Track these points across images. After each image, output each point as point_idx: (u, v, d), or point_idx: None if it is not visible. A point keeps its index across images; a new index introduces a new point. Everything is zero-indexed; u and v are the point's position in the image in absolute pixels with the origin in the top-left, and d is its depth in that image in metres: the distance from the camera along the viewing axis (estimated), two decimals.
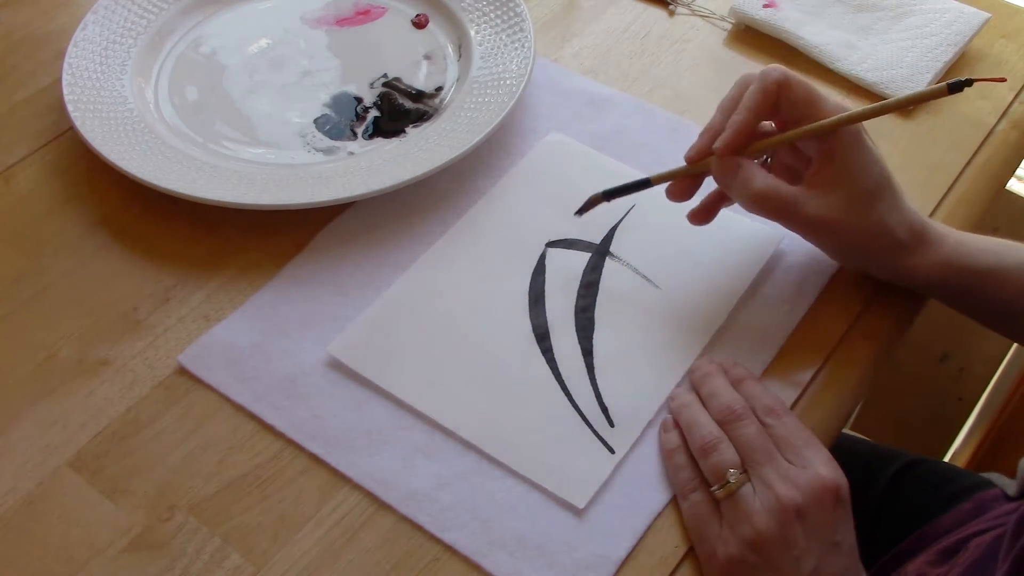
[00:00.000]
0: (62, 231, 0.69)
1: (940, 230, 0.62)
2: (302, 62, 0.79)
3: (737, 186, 0.60)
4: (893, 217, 0.60)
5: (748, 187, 0.60)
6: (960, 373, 1.35)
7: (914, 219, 0.61)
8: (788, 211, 0.60)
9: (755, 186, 0.59)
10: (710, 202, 0.64)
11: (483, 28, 0.80)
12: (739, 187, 0.60)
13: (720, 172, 0.61)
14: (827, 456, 0.55)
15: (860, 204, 0.60)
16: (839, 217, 0.59)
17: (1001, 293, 0.61)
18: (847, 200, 0.59)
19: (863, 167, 0.59)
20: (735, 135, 0.60)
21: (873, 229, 0.60)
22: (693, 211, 0.65)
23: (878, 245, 0.61)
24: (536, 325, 0.63)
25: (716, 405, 0.57)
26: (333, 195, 0.67)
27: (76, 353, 0.62)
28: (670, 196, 0.64)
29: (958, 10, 0.82)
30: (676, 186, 0.64)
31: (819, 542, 0.52)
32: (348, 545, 0.55)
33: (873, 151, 0.60)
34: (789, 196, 0.60)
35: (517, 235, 0.68)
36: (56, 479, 0.57)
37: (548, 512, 0.56)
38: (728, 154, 0.60)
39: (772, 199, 0.60)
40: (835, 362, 0.63)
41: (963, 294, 0.63)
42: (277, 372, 0.61)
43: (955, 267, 0.61)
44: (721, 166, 0.61)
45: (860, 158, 0.59)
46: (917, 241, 0.61)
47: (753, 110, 0.60)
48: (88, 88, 0.74)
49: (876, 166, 0.60)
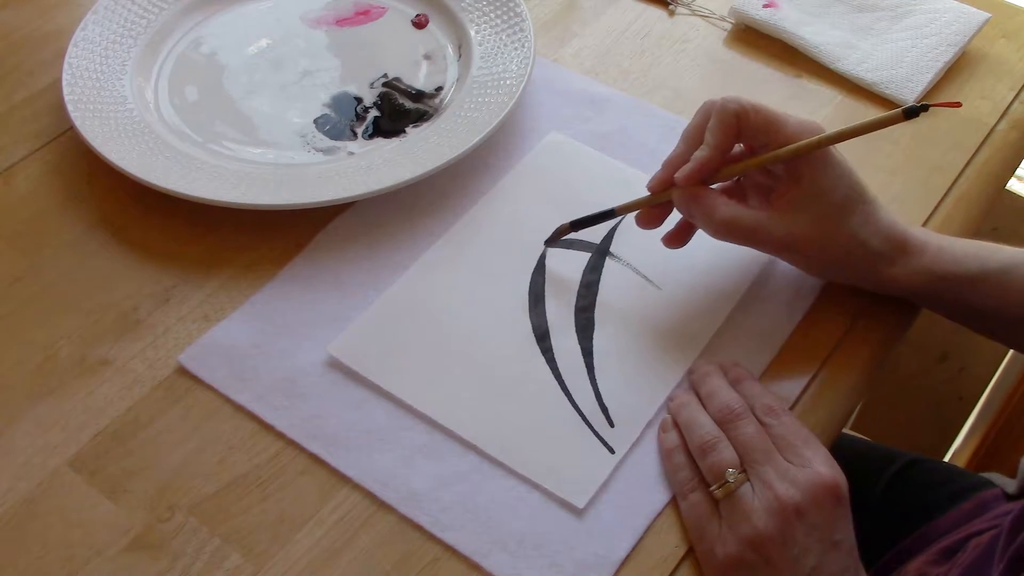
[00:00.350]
0: (62, 231, 0.69)
1: (921, 237, 0.62)
2: (302, 62, 0.79)
3: (699, 217, 0.61)
4: (866, 229, 0.60)
5: (711, 217, 0.60)
6: (960, 373, 1.35)
7: (891, 229, 0.61)
8: (755, 236, 0.60)
9: (718, 216, 0.60)
10: (682, 227, 0.64)
11: (483, 28, 0.80)
12: (702, 217, 0.61)
13: (682, 203, 0.61)
14: (826, 455, 0.55)
15: (829, 220, 0.59)
16: (807, 235, 0.59)
17: (986, 299, 0.61)
18: (815, 217, 0.59)
19: (831, 184, 0.59)
20: (697, 170, 0.60)
21: (846, 243, 0.60)
22: (666, 235, 0.64)
23: (854, 258, 0.61)
24: (536, 325, 0.63)
25: (715, 405, 0.57)
26: (333, 195, 0.67)
27: (76, 353, 0.62)
28: (640, 223, 0.64)
29: (958, 10, 0.82)
30: (644, 214, 0.64)
31: (818, 541, 0.52)
32: (348, 545, 0.55)
33: (842, 166, 0.60)
34: (753, 222, 0.60)
35: (517, 235, 0.68)
36: (56, 479, 0.57)
37: (548, 512, 0.56)
38: (689, 185, 0.60)
39: (737, 227, 0.60)
40: (835, 362, 0.63)
41: (949, 301, 0.62)
42: (277, 372, 0.61)
43: (938, 274, 0.61)
44: (683, 197, 0.61)
45: (828, 175, 0.59)
46: (897, 251, 0.61)
47: (715, 146, 0.59)
48: (88, 88, 0.74)
49: (844, 180, 0.60)
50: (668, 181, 0.61)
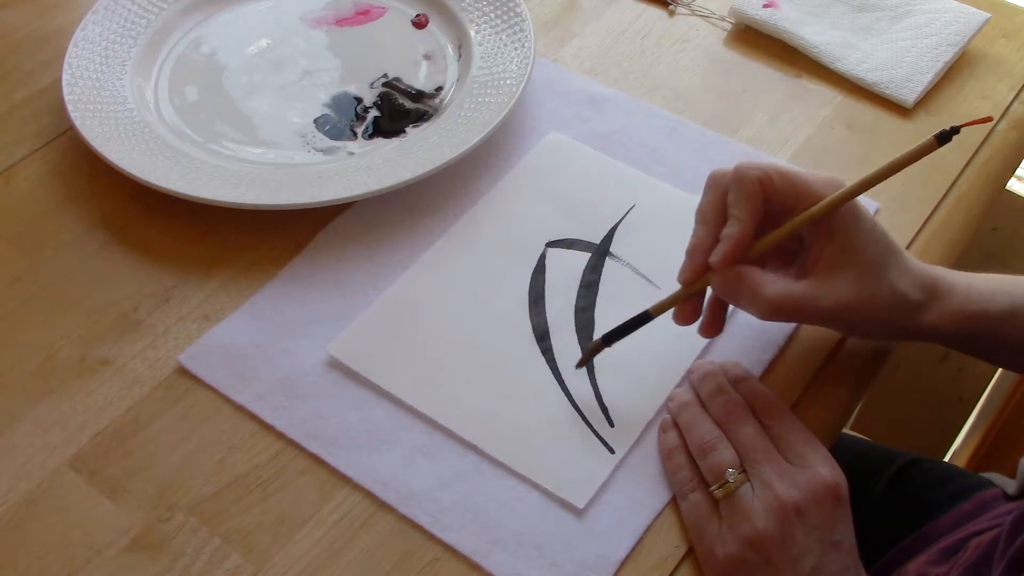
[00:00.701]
0: (62, 231, 0.69)
1: (949, 279, 0.59)
2: (302, 62, 0.79)
3: (745, 298, 0.56)
4: (904, 280, 0.57)
5: (759, 297, 0.55)
6: (960, 372, 1.35)
7: (923, 275, 0.58)
8: (806, 310, 0.56)
9: (767, 295, 0.55)
10: (714, 311, 0.59)
11: (483, 28, 0.80)
12: (748, 299, 0.56)
13: (723, 287, 0.57)
14: (826, 455, 0.55)
15: (871, 278, 0.56)
16: (853, 299, 0.56)
17: (1021, 333, 0.59)
18: (857, 277, 0.56)
19: (865, 239, 0.56)
20: (734, 247, 0.55)
21: (889, 300, 0.57)
22: (702, 326, 0.60)
23: (896, 313, 0.57)
24: (536, 325, 0.63)
25: (715, 405, 0.57)
26: (333, 195, 0.67)
27: (76, 353, 0.62)
28: (678, 321, 0.59)
29: (958, 10, 0.82)
30: (680, 311, 0.59)
31: (818, 541, 0.52)
32: (348, 545, 0.55)
33: (869, 219, 0.57)
34: (804, 295, 0.56)
35: (517, 235, 0.68)
36: (56, 479, 0.57)
37: (548, 512, 0.56)
38: (728, 267, 0.56)
39: (787, 304, 0.55)
40: (835, 362, 0.63)
41: (984, 340, 0.60)
42: (277, 372, 0.61)
43: (971, 314, 0.58)
44: (724, 280, 0.56)
45: (860, 229, 0.56)
46: (930, 296, 0.58)
47: (747, 219, 0.55)
48: (88, 88, 0.74)
49: (875, 233, 0.57)
50: (701, 268, 0.57)
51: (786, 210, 0.56)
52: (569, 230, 0.68)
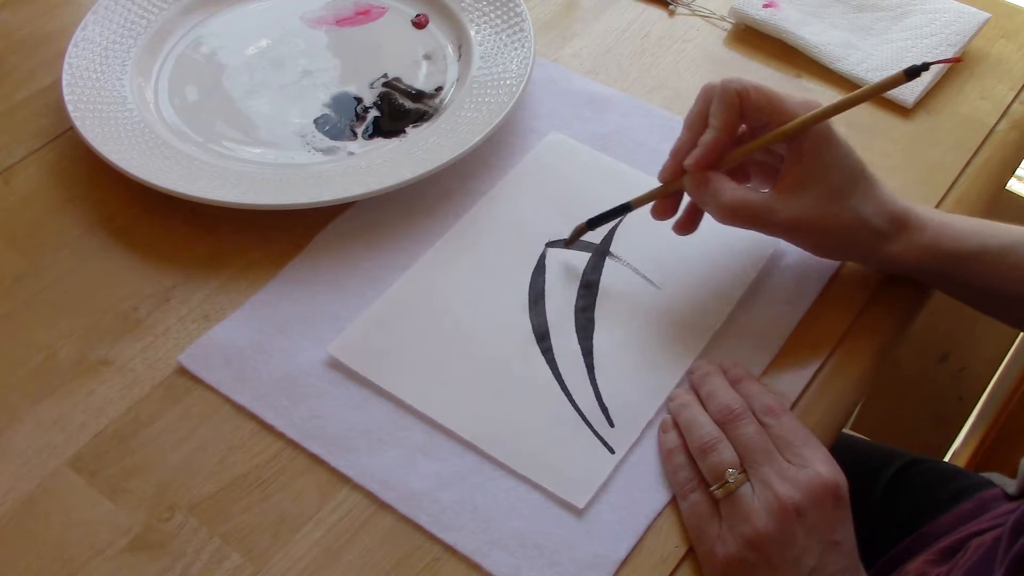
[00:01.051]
0: (62, 231, 0.69)
1: (922, 214, 0.62)
2: (302, 62, 0.79)
3: (708, 200, 0.61)
4: (868, 208, 0.60)
5: (718, 200, 0.60)
6: (960, 373, 1.35)
7: (892, 206, 0.61)
8: (761, 219, 0.60)
9: (724, 199, 0.60)
10: (690, 212, 0.65)
11: (483, 28, 0.80)
12: (710, 201, 0.61)
13: (692, 188, 0.61)
14: (826, 455, 0.55)
15: (832, 200, 0.60)
16: (812, 216, 0.60)
17: (986, 277, 0.61)
18: (818, 198, 0.60)
19: (833, 163, 0.60)
20: (705, 154, 0.60)
21: (849, 223, 0.60)
22: (677, 222, 0.65)
23: (857, 237, 0.61)
24: (536, 325, 0.63)
25: (715, 405, 0.57)
26: (333, 195, 0.67)
27: (76, 353, 0.62)
28: (655, 215, 0.65)
29: (958, 10, 0.82)
30: (658, 205, 0.64)
31: (818, 541, 0.52)
32: (348, 545, 0.55)
33: (843, 145, 0.60)
34: (760, 204, 0.60)
35: (517, 235, 0.68)
36: (56, 479, 0.57)
37: (548, 512, 0.56)
38: (699, 171, 0.61)
39: (743, 209, 0.60)
40: (835, 362, 0.63)
41: (948, 278, 0.63)
42: (277, 372, 0.61)
43: (939, 251, 0.61)
44: (692, 181, 0.61)
45: (830, 154, 0.60)
46: (897, 228, 0.61)
47: (720, 128, 0.60)
48: (88, 88, 0.74)
49: (847, 160, 0.60)
50: (678, 169, 0.62)
51: (763, 126, 0.61)
52: (569, 230, 0.68)
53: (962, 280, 0.62)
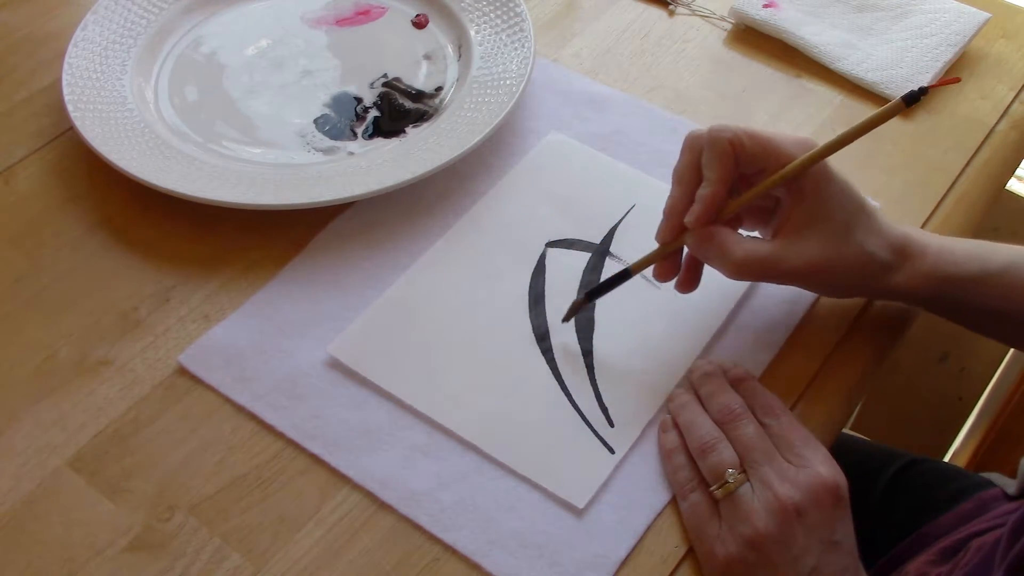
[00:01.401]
0: (62, 231, 0.69)
1: (921, 241, 0.61)
2: (302, 62, 0.79)
3: (715, 257, 0.58)
4: (872, 241, 0.59)
5: (728, 258, 0.57)
6: (960, 373, 1.35)
7: (893, 236, 0.60)
8: (771, 270, 0.58)
9: (735, 256, 0.57)
10: (690, 269, 0.62)
11: (483, 28, 0.80)
12: (718, 258, 0.58)
13: (697, 246, 0.59)
14: (826, 455, 0.55)
15: (837, 239, 0.58)
16: (820, 259, 0.58)
17: (988, 299, 0.60)
18: (825, 238, 0.58)
19: (834, 200, 0.58)
20: (705, 209, 0.57)
21: (857, 260, 0.58)
22: (678, 281, 0.62)
23: (866, 273, 0.59)
24: (536, 325, 0.63)
25: (715, 405, 0.57)
26: (333, 195, 0.67)
27: (76, 353, 0.62)
28: (658, 278, 0.62)
29: (958, 10, 0.82)
30: (660, 267, 0.61)
31: (818, 541, 0.52)
32: (348, 545, 0.55)
33: (841, 181, 0.58)
34: (768, 255, 0.58)
35: (517, 235, 0.68)
36: (56, 479, 0.57)
37: (548, 512, 0.56)
38: (702, 227, 0.58)
39: (753, 264, 0.57)
40: (835, 362, 0.63)
41: (953, 303, 0.62)
42: (277, 372, 0.61)
43: (940, 277, 0.60)
44: (697, 240, 0.58)
45: (830, 192, 0.58)
46: (901, 257, 0.60)
47: (718, 180, 0.57)
48: (88, 88, 0.74)
49: (847, 195, 0.58)
50: (678, 228, 0.59)
51: (759, 171, 0.58)
52: (569, 230, 0.68)
53: (966, 303, 0.61)
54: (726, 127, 0.57)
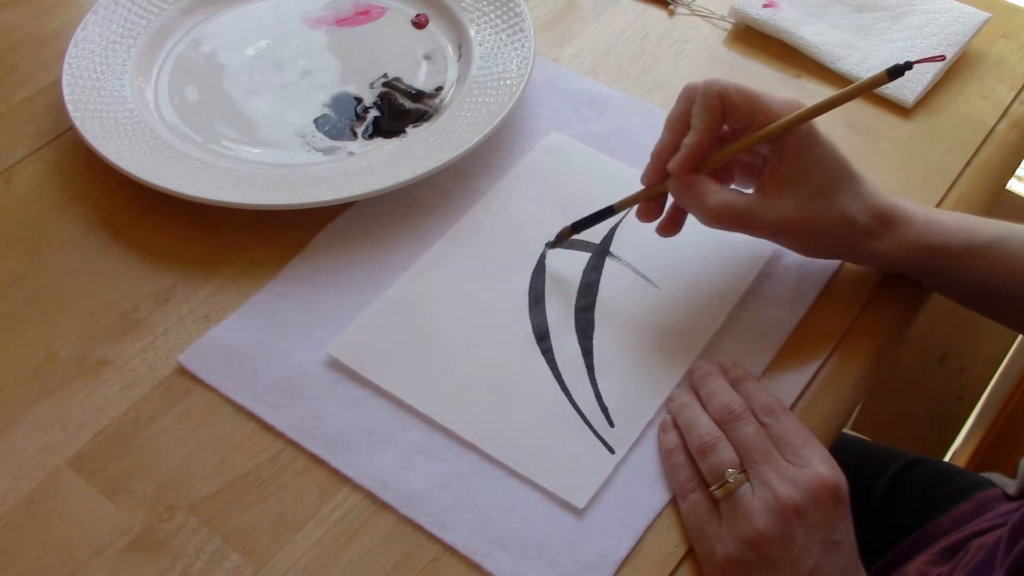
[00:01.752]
0: (62, 231, 0.69)
1: (908, 210, 0.62)
2: (302, 62, 0.79)
3: (693, 203, 0.61)
4: (854, 205, 0.60)
5: (703, 204, 0.60)
6: (960, 373, 1.35)
7: (878, 203, 0.61)
8: (747, 221, 0.60)
9: (710, 203, 0.59)
10: (673, 214, 0.64)
11: (483, 28, 0.80)
12: (695, 204, 0.60)
13: (676, 191, 0.61)
14: (826, 455, 0.55)
15: (817, 200, 0.59)
16: (798, 217, 0.59)
17: (973, 273, 0.61)
18: (804, 198, 0.59)
19: (817, 162, 0.59)
20: (688, 156, 0.59)
21: (835, 222, 0.60)
22: (659, 225, 0.64)
23: (844, 236, 0.61)
24: (536, 325, 0.63)
25: (715, 405, 0.57)
26: (333, 195, 0.67)
27: (76, 353, 0.62)
28: (640, 217, 0.64)
29: (958, 10, 0.82)
30: (643, 208, 0.64)
31: (818, 541, 0.52)
32: (348, 545, 0.55)
33: (826, 144, 0.60)
34: (745, 207, 0.60)
35: (517, 235, 0.68)
36: (56, 479, 0.57)
37: (548, 512, 0.56)
38: (683, 174, 0.60)
39: (728, 213, 0.60)
40: (835, 362, 0.63)
41: (936, 274, 0.63)
42: (277, 372, 0.61)
43: (925, 248, 0.61)
44: (677, 185, 0.61)
45: (814, 153, 0.59)
46: (884, 225, 0.61)
47: (703, 130, 0.59)
48: (88, 88, 0.74)
49: (830, 158, 0.60)
50: (662, 171, 0.61)
51: (744, 127, 0.60)
52: None
53: (950, 275, 0.62)
54: (718, 80, 0.59)
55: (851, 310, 0.65)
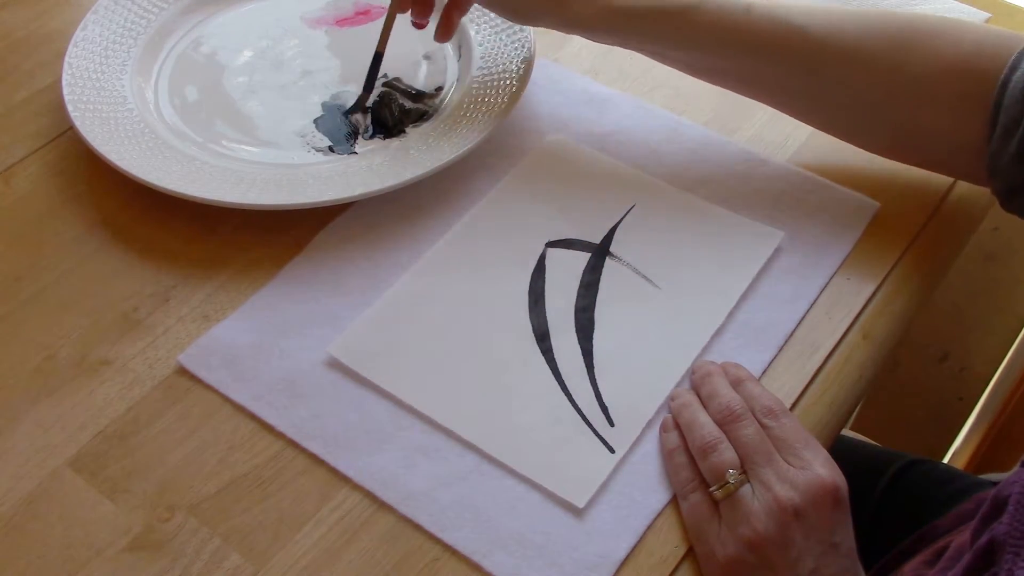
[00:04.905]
0: (62, 231, 0.69)
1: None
2: (302, 62, 0.79)
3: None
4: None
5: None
6: (960, 373, 1.35)
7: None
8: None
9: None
10: (446, 16, 0.72)
11: (483, 28, 0.80)
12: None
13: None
14: (826, 457, 0.55)
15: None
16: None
17: (666, 37, 0.67)
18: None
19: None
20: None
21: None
22: (436, 30, 0.73)
23: None
24: (536, 325, 0.63)
25: (716, 405, 0.57)
26: (333, 195, 0.67)
27: (76, 353, 0.63)
28: (415, 16, 0.73)
29: (958, 10, 0.82)
30: (415, 10, 0.73)
31: (817, 543, 0.52)
32: (348, 545, 0.55)
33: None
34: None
35: (517, 235, 0.68)
36: (56, 479, 0.57)
37: (548, 512, 0.56)
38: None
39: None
40: (835, 362, 0.63)
41: (631, 36, 0.68)
42: (277, 372, 0.61)
43: (616, 10, 0.66)
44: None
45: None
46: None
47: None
48: (88, 88, 0.74)
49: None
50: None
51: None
52: (569, 230, 0.68)
53: (644, 38, 0.68)
54: None
55: (850, 311, 0.65)
